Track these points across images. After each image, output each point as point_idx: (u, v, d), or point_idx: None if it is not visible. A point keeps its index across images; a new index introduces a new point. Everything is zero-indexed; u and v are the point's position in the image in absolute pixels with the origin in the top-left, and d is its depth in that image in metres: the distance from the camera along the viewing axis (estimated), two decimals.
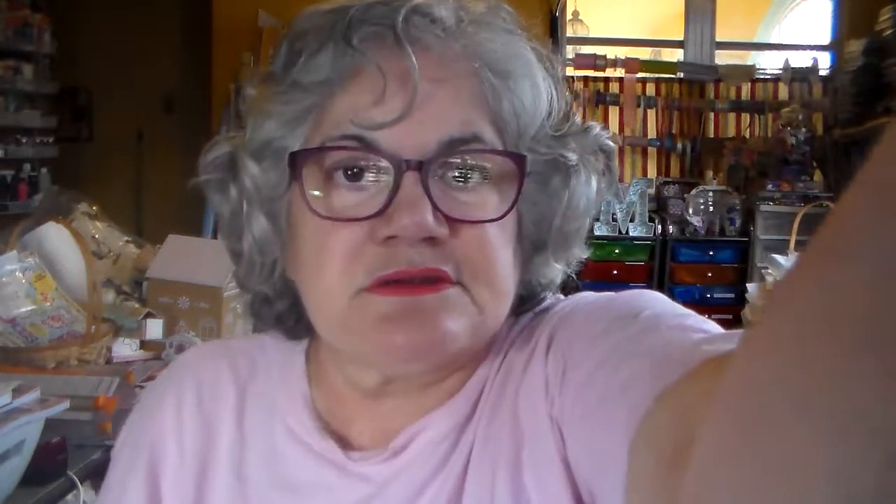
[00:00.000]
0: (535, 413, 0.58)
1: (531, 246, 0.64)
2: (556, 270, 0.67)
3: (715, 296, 4.66)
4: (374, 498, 0.61)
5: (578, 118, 0.65)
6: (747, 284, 2.90)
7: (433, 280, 0.57)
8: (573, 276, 0.68)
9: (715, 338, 0.49)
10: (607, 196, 0.67)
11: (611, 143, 0.66)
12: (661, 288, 4.66)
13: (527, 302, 0.66)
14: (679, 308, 0.58)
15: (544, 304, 0.67)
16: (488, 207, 0.59)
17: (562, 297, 0.68)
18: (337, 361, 0.65)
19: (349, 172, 0.59)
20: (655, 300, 0.59)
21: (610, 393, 0.50)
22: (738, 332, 0.50)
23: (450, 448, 0.61)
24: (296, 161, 0.60)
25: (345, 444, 0.64)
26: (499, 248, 0.59)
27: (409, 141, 0.57)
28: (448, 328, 0.57)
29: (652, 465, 0.43)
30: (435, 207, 0.56)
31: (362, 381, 0.63)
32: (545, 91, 0.62)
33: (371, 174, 0.59)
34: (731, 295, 4.57)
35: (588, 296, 0.64)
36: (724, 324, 0.53)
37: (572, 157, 0.63)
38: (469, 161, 0.59)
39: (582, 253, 0.67)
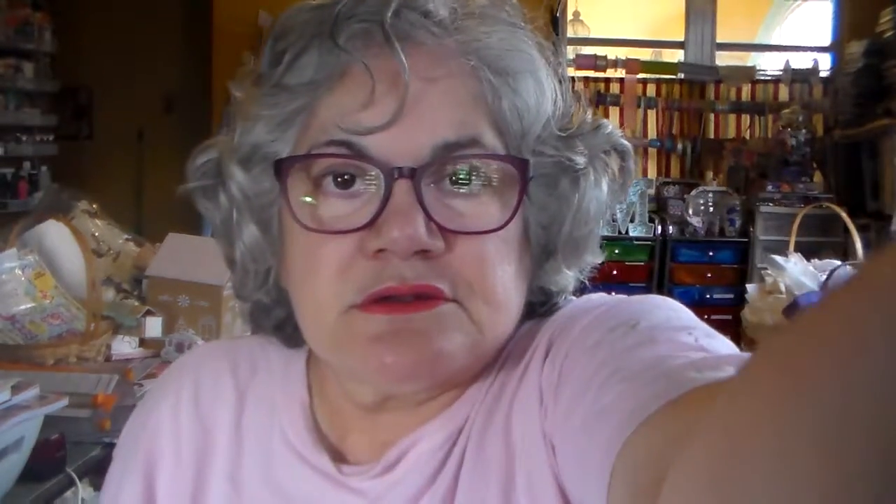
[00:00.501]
0: (528, 425, 0.56)
1: (540, 251, 0.61)
2: (569, 277, 0.63)
3: (714, 296, 4.65)
4: None
5: (589, 116, 0.61)
6: (747, 285, 2.89)
7: (426, 297, 0.54)
8: (585, 281, 0.65)
9: (705, 363, 0.46)
10: (621, 198, 0.63)
11: (625, 143, 0.62)
12: (660, 288, 4.66)
13: (538, 308, 0.63)
14: (684, 317, 0.55)
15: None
16: (488, 216, 0.56)
17: (572, 298, 0.65)
18: (336, 374, 0.63)
19: (339, 179, 0.56)
20: (658, 308, 0.56)
21: (593, 417, 0.48)
22: (732, 355, 0.48)
23: (442, 460, 0.58)
24: (281, 169, 0.57)
25: (340, 456, 0.62)
26: (499, 261, 0.56)
27: (400, 146, 0.54)
28: (442, 348, 0.54)
29: (627, 501, 0.42)
30: (429, 218, 0.53)
31: (359, 397, 0.61)
32: (549, 89, 0.58)
33: (362, 181, 0.56)
34: (731, 295, 4.56)
35: (593, 300, 0.61)
36: (724, 324, 0.52)
37: (580, 160, 0.59)
38: (467, 166, 0.55)
39: (595, 258, 0.64)
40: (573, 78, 4.96)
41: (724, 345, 0.51)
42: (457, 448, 0.58)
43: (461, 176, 0.55)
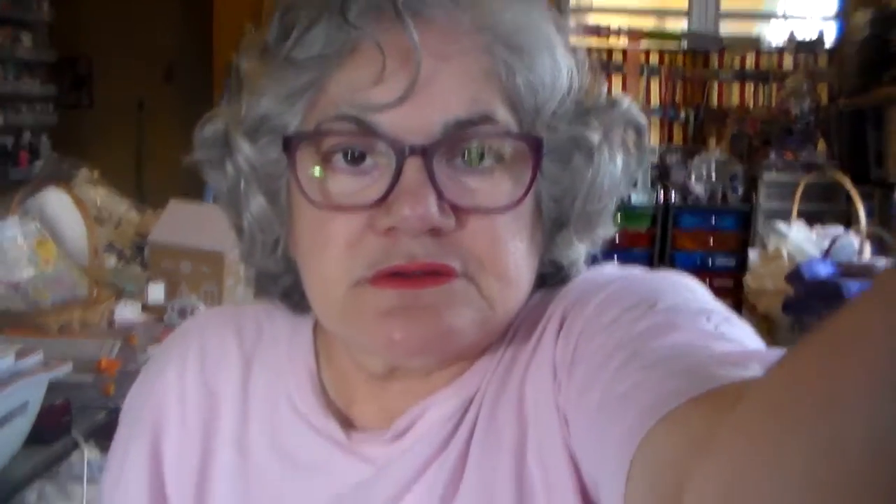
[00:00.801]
0: (541, 396, 0.56)
1: (552, 224, 0.60)
2: (580, 251, 0.62)
3: (716, 262, 4.67)
4: (374, 479, 0.59)
5: (605, 91, 0.60)
6: (749, 251, 2.90)
7: (436, 273, 0.54)
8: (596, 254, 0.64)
9: (728, 358, 0.46)
10: (635, 173, 0.62)
11: (641, 119, 0.61)
12: (662, 255, 4.67)
13: (549, 280, 0.62)
14: (700, 298, 0.54)
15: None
16: (500, 194, 0.55)
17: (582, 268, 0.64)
18: (344, 344, 0.62)
19: (349, 156, 0.55)
20: (675, 288, 0.55)
21: (610, 400, 0.47)
22: (752, 350, 0.48)
23: (452, 429, 0.58)
24: (290, 144, 0.56)
25: (348, 423, 0.62)
26: (510, 237, 0.56)
27: (411, 124, 0.53)
28: (451, 324, 0.54)
29: (649, 500, 0.42)
30: (440, 196, 0.53)
31: (369, 367, 0.60)
32: (565, 64, 0.57)
33: (372, 157, 0.55)
34: (733, 262, 4.57)
35: (606, 273, 0.60)
36: (725, 290, 0.52)
37: (594, 136, 0.58)
38: (479, 143, 0.55)
39: (607, 232, 0.63)
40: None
41: (741, 330, 0.51)
42: (468, 416, 0.58)
43: (473, 153, 0.55)
